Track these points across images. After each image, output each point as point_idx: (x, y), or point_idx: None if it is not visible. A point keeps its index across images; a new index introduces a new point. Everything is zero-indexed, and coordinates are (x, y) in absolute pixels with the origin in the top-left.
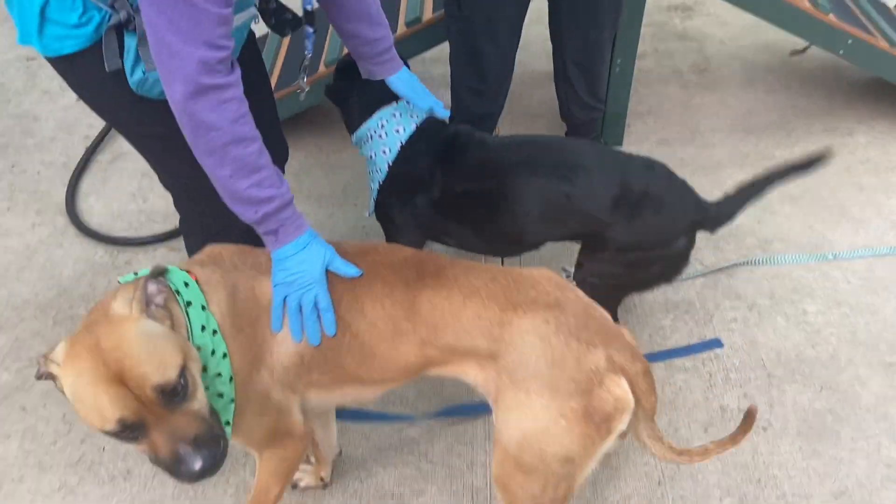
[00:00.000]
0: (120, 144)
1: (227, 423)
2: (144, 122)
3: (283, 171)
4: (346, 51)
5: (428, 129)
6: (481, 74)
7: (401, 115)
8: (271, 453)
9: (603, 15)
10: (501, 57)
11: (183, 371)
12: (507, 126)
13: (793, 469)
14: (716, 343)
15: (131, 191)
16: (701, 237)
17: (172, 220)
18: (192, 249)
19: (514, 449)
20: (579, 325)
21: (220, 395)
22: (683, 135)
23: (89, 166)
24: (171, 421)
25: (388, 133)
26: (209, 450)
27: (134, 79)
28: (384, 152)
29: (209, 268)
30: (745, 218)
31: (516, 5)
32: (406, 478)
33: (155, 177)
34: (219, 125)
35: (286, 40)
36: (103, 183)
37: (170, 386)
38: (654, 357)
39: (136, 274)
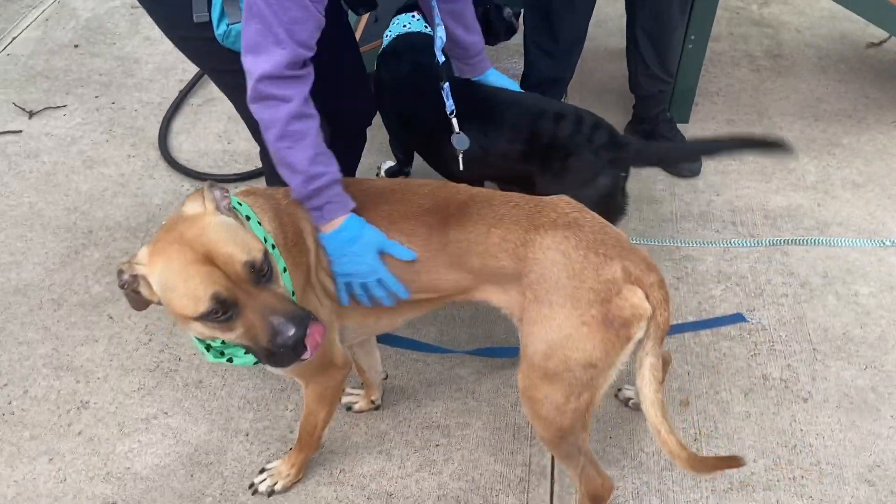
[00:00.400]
0: (210, 90)
1: None
2: (226, 64)
3: (370, 124)
4: None
5: (416, 41)
6: (554, 36)
7: (417, 20)
8: (316, 381)
9: None
10: (575, 21)
11: (266, 254)
12: (577, 97)
13: (829, 439)
14: (739, 317)
15: (217, 132)
16: (761, 213)
17: (254, 161)
18: (271, 183)
19: (539, 359)
20: (596, 240)
21: None
22: (751, 116)
23: (181, 107)
24: (261, 298)
25: (393, 26)
26: (300, 322)
27: (219, 31)
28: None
29: (252, 197)
30: (806, 200)
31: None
32: (453, 411)
33: (240, 121)
34: (289, 98)
35: (363, 20)
36: (193, 124)
37: (258, 263)
38: (678, 328)
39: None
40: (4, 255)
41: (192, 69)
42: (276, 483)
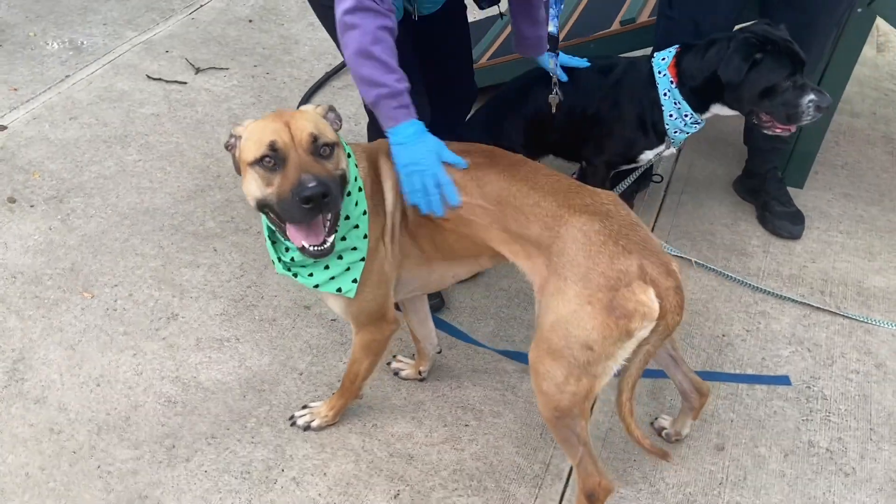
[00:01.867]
0: (347, 80)
1: (355, 280)
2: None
3: (469, 110)
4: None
5: None
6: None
7: None
8: (366, 331)
9: (811, 38)
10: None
11: (335, 148)
12: (689, 140)
13: None
14: (784, 380)
15: (349, 113)
16: (854, 289)
17: None
18: None
19: (546, 330)
20: (621, 233)
21: (355, 249)
22: (871, 194)
23: (324, 87)
24: (307, 161)
25: None
26: (325, 184)
27: None
28: None
29: (354, 145)
30: None
31: (726, 13)
32: (489, 399)
33: None
34: (388, 15)
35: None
36: (329, 102)
37: (321, 139)
38: (717, 377)
39: None
40: (145, 181)
41: (341, 56)
42: (313, 420)
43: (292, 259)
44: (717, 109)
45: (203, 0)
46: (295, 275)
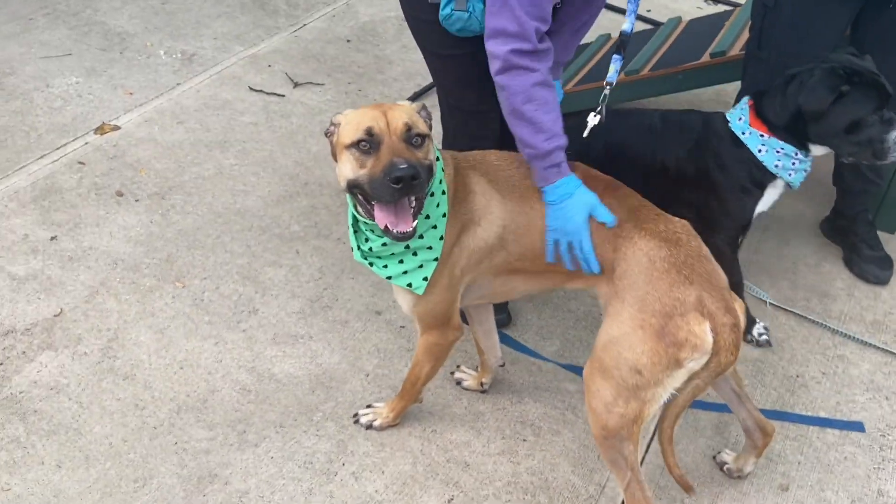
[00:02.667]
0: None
1: (426, 278)
2: (437, 42)
3: None
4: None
5: None
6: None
7: None
8: (430, 334)
9: None
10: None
11: (426, 140)
12: None
13: None
14: (858, 426)
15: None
16: None
17: None
18: None
19: (600, 349)
20: (686, 263)
21: (430, 248)
22: None
23: None
24: (399, 147)
25: None
26: (416, 170)
27: (443, 13)
28: None
29: (441, 151)
30: None
31: (817, 54)
32: (549, 417)
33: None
34: (536, 68)
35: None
36: None
37: (414, 129)
38: (788, 416)
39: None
40: (239, 184)
41: (430, 77)
42: (375, 420)
43: (371, 249)
44: (813, 148)
45: (307, 19)
46: (371, 264)
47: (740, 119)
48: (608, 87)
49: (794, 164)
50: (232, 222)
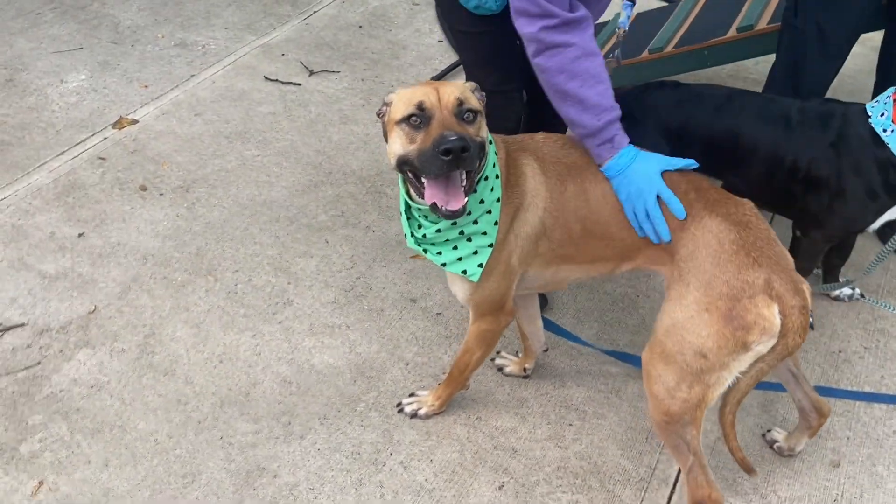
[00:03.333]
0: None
1: (480, 265)
2: (458, 20)
3: None
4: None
5: None
6: (795, 90)
7: None
8: (483, 320)
9: None
10: (820, 77)
11: (478, 116)
12: None
13: None
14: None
15: None
16: None
17: None
18: None
19: (661, 334)
20: (755, 245)
21: (484, 234)
22: None
23: None
24: (450, 121)
25: None
26: (466, 142)
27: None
28: None
29: (494, 136)
30: None
31: (854, 20)
32: (593, 400)
33: None
34: (572, 42)
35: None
36: None
37: (466, 104)
38: (833, 392)
39: None
40: (262, 175)
41: (447, 61)
42: (420, 409)
43: (424, 235)
44: None
45: (317, 6)
46: (425, 251)
47: (882, 115)
48: (623, 32)
49: None
50: (259, 213)
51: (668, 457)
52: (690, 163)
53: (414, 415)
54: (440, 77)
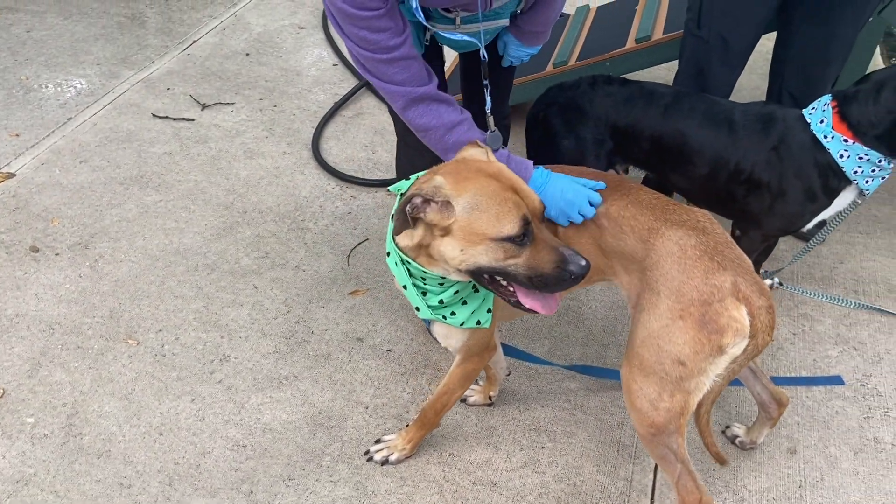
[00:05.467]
0: (361, 105)
1: (489, 310)
2: None
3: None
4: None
5: None
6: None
7: None
8: (471, 361)
9: (832, 51)
10: (724, 84)
11: None
12: None
13: None
14: (837, 380)
15: (364, 142)
16: (885, 286)
17: (393, 170)
18: None
19: (638, 346)
20: (717, 249)
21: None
22: (881, 195)
23: (335, 117)
24: (546, 234)
25: None
26: (583, 258)
27: None
28: None
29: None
30: None
31: (753, 28)
32: (560, 420)
33: (385, 134)
34: (430, 125)
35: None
36: (343, 132)
37: (543, 205)
38: (775, 381)
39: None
40: (170, 221)
41: (346, 85)
42: (391, 454)
43: (441, 302)
44: None
45: (195, 35)
46: (444, 317)
47: (822, 121)
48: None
49: (874, 170)
50: (173, 264)
51: (642, 467)
52: (601, 185)
53: (385, 461)
54: (342, 103)
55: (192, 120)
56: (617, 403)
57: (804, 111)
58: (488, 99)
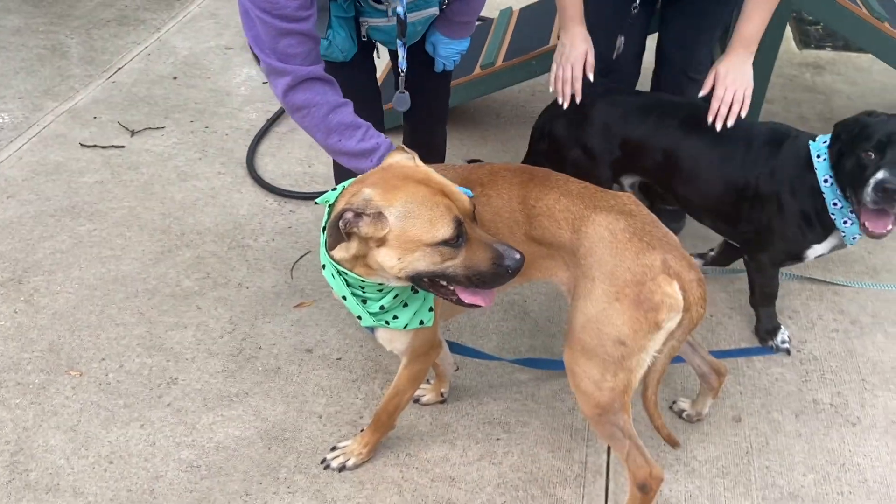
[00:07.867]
0: (294, 121)
1: (431, 309)
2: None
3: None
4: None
5: None
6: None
7: None
8: (418, 361)
9: (698, 40)
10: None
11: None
12: None
13: (876, 461)
14: (769, 351)
15: (300, 157)
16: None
17: (331, 182)
18: None
19: (578, 331)
20: (644, 230)
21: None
22: None
23: (268, 134)
24: (478, 232)
25: None
26: (517, 251)
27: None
28: None
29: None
30: (858, 248)
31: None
32: (513, 411)
33: (320, 147)
34: (314, 101)
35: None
36: (278, 148)
37: (473, 205)
38: (717, 354)
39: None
40: (105, 250)
41: (278, 102)
42: (347, 460)
43: (382, 307)
44: None
45: (119, 63)
46: (386, 322)
47: (825, 142)
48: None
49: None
50: (112, 292)
51: (595, 448)
52: (468, 192)
53: (342, 468)
54: (275, 120)
55: (122, 147)
56: (567, 390)
57: (812, 144)
58: (402, 52)
